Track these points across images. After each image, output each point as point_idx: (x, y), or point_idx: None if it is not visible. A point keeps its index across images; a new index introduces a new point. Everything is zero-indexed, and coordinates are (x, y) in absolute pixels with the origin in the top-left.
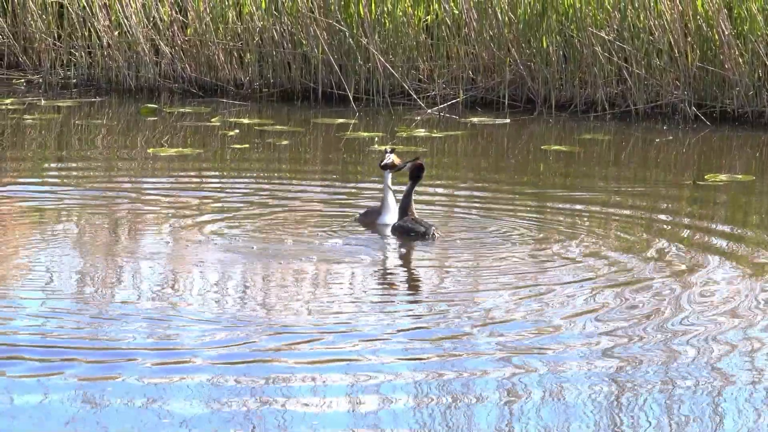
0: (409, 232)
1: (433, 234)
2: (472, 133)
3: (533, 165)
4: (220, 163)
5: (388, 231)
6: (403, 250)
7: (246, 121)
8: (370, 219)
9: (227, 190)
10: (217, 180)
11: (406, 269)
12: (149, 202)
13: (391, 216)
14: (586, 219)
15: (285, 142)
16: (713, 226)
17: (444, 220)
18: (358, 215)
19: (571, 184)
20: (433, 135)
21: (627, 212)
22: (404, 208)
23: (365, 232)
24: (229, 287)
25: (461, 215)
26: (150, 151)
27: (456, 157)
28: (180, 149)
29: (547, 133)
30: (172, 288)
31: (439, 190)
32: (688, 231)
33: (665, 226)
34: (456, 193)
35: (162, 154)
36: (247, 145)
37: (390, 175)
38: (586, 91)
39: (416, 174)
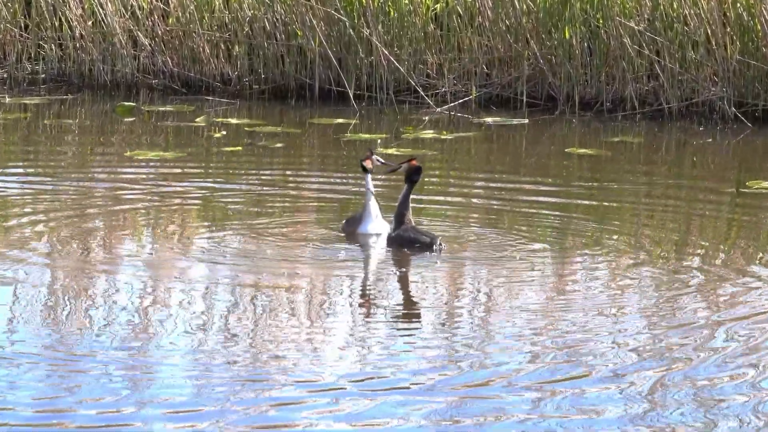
0: (412, 243)
1: (440, 245)
2: (486, 135)
3: (555, 170)
4: (205, 169)
5: (383, 242)
6: (406, 268)
7: (234, 121)
8: (351, 228)
9: (213, 200)
10: (202, 187)
11: (413, 292)
12: (125, 213)
13: (373, 225)
14: (614, 232)
15: (278, 145)
16: (759, 240)
17: (454, 232)
18: (343, 223)
19: (598, 192)
20: (443, 137)
21: (660, 224)
22: (400, 216)
23: (357, 244)
24: (213, 319)
25: (473, 226)
26: (127, 154)
27: (468, 161)
28: (161, 153)
29: (570, 134)
30: (146, 322)
31: (449, 199)
32: (731, 246)
33: (703, 241)
34: (468, 201)
35: (141, 158)
36: (235, 148)
37: (370, 179)
38: (613, 88)
39: (412, 177)
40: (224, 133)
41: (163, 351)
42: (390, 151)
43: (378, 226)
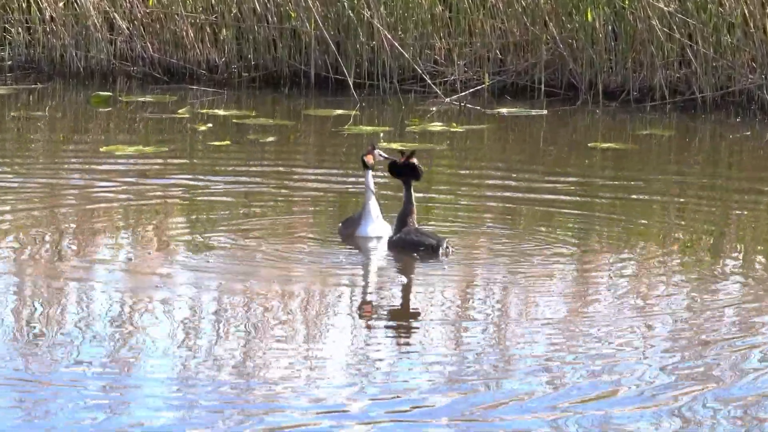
0: (416, 247)
1: (447, 249)
2: (500, 127)
3: (576, 166)
4: (189, 165)
5: (384, 246)
6: (409, 276)
7: (221, 112)
8: (349, 230)
9: (198, 199)
10: (185, 186)
11: (417, 303)
12: (100, 215)
13: (373, 226)
14: (642, 236)
15: (270, 139)
16: None
17: (465, 234)
18: (340, 225)
19: (623, 190)
20: (452, 129)
21: (693, 227)
22: (404, 218)
23: (355, 249)
24: (198, 334)
25: (486, 228)
26: (103, 150)
27: (480, 156)
28: (140, 147)
29: (594, 127)
30: (124, 338)
31: (460, 198)
32: None
33: (740, 246)
34: (480, 200)
35: (118, 154)
36: (222, 143)
37: (371, 176)
38: (641, 76)
39: (409, 173)
40: (210, 125)
41: (143, 371)
42: (394, 145)
43: (378, 228)
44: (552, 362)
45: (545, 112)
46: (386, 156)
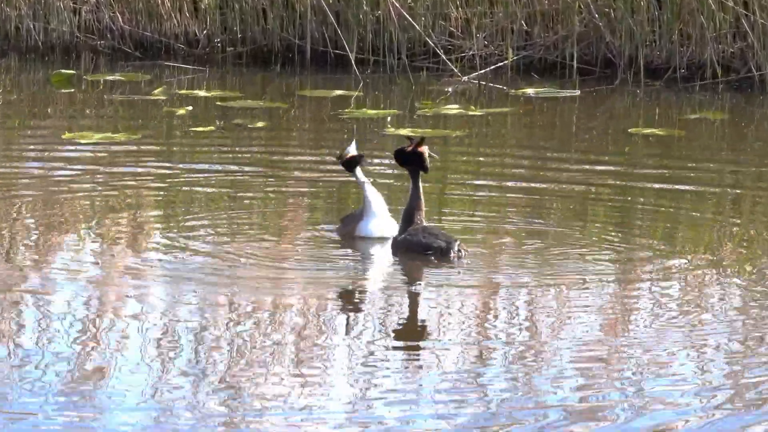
0: (424, 249)
1: (460, 252)
2: (526, 110)
3: (615, 155)
4: (165, 155)
5: (387, 248)
6: (416, 284)
7: (203, 93)
8: (348, 229)
9: (175, 194)
10: (160, 179)
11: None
12: (63, 214)
13: (376, 224)
14: (691, 236)
15: (259, 124)
16: None
17: (484, 233)
18: (339, 224)
19: (670, 182)
20: (470, 113)
21: (750, 225)
22: (410, 214)
23: (353, 251)
24: (176, 354)
25: (509, 226)
26: (65, 136)
27: (503, 143)
28: (108, 134)
29: (634, 109)
30: (92, 360)
31: (479, 191)
32: None
33: None
34: (502, 195)
35: (82, 142)
36: (204, 129)
37: (360, 171)
38: (688, 51)
39: (416, 163)
40: (190, 109)
41: (114, 398)
42: (403, 131)
43: (383, 226)
44: (588, 397)
45: (578, 92)
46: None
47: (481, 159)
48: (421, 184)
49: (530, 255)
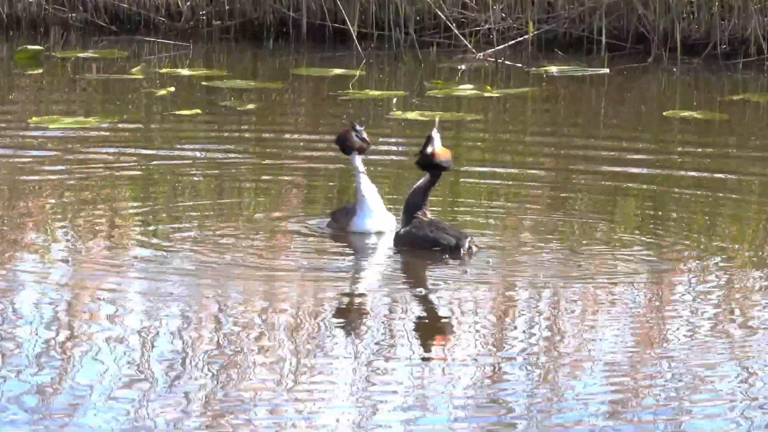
0: (431, 245)
1: (470, 248)
2: (548, 91)
3: (648, 141)
4: (144, 141)
5: (388, 243)
6: (423, 284)
7: (186, 72)
8: (341, 223)
9: (156, 186)
10: (139, 167)
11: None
12: (29, 207)
13: (372, 219)
14: (733, 233)
15: (249, 107)
16: None
17: (500, 228)
18: (330, 218)
19: (710, 171)
20: (486, 94)
21: None
22: (413, 207)
23: (349, 248)
24: (156, 364)
25: (528, 220)
26: (32, 121)
27: (523, 128)
28: (80, 119)
29: (670, 90)
30: (62, 371)
31: (496, 180)
32: None
33: None
34: (522, 184)
35: (51, 127)
36: (189, 112)
37: (359, 158)
38: (731, 24)
39: (432, 169)
40: (172, 89)
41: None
42: (410, 115)
43: (379, 220)
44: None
45: (607, 70)
46: (366, 140)
47: (498, 145)
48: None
49: (552, 253)
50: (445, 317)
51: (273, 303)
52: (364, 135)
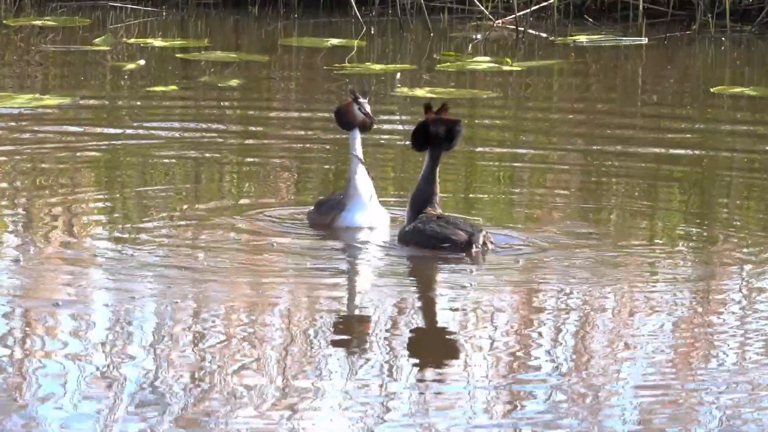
0: (441, 242)
1: (485, 245)
2: (577, 65)
3: (693, 121)
4: (110, 122)
5: (386, 240)
6: (432, 287)
7: (159, 43)
8: (326, 217)
9: (123, 172)
10: (103, 152)
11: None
12: None
13: (364, 213)
14: None
15: (232, 83)
16: None
17: (521, 221)
18: (310, 210)
19: (765, 153)
20: (506, 68)
21: None
22: (421, 200)
23: (343, 244)
24: (124, 378)
25: (556, 212)
26: None
27: (547, 106)
28: (36, 95)
29: (718, 62)
30: (19, 384)
31: (516, 164)
32: None
33: None
34: (546, 170)
35: (3, 105)
36: (162, 89)
37: (359, 139)
38: None
39: (436, 138)
40: (142, 63)
41: None
42: (418, 92)
43: (372, 214)
44: None
45: (645, 40)
46: (370, 115)
47: (520, 127)
48: (438, 164)
49: (582, 250)
50: (459, 331)
51: (259, 306)
52: (368, 108)
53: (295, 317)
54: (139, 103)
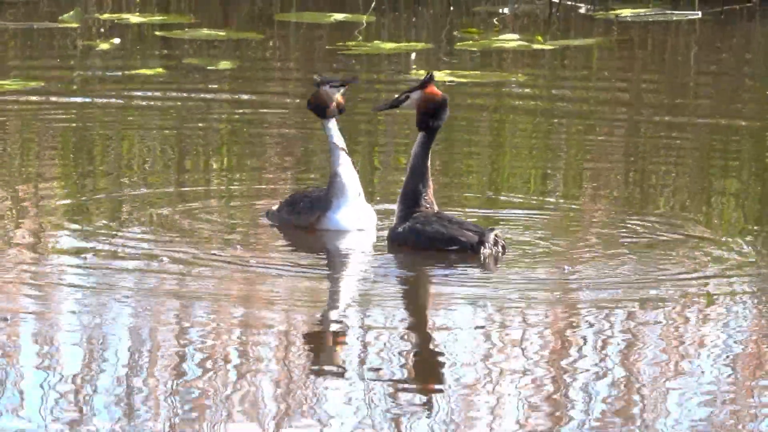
0: (447, 244)
1: (498, 248)
2: (618, 42)
3: (752, 110)
4: (80, 110)
5: (375, 242)
6: (436, 299)
7: (136, 19)
8: (307, 217)
9: (95, 162)
10: (73, 141)
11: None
12: None
13: (350, 212)
14: None
15: (223, 65)
16: None
17: (547, 226)
18: (271, 210)
19: None
20: (536, 46)
21: None
22: (413, 195)
23: (333, 248)
24: (94, 398)
25: (594, 212)
26: None
27: (584, 91)
28: None
29: None
30: None
31: (549, 164)
32: None
33: None
34: (583, 166)
35: None
36: (141, 72)
37: (335, 126)
38: None
39: (426, 118)
40: (117, 42)
41: None
42: (436, 75)
43: (358, 214)
44: None
45: (698, 14)
46: (337, 83)
47: (553, 113)
48: (430, 150)
49: (620, 257)
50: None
51: (237, 314)
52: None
53: (281, 321)
54: (111, 88)
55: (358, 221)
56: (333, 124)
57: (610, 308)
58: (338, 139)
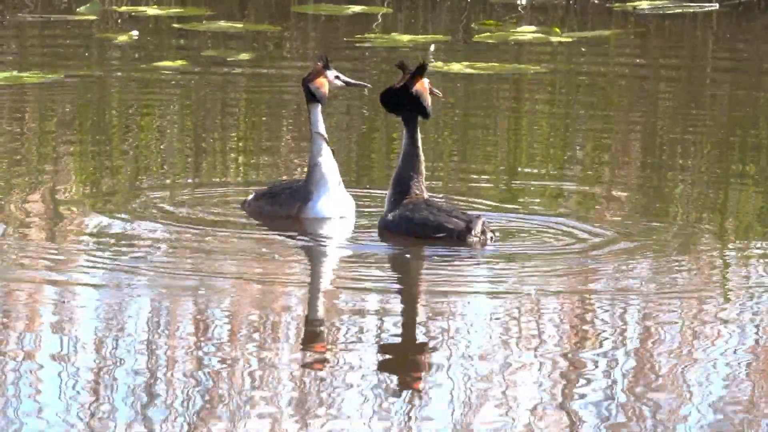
0: (434, 231)
1: (484, 232)
2: (637, 35)
3: None
4: (97, 103)
5: (356, 230)
6: (426, 290)
7: (153, 11)
8: (288, 208)
9: (112, 159)
10: (90, 139)
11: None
12: None
13: (330, 201)
14: None
15: (242, 57)
16: None
17: (579, 220)
18: (247, 199)
19: None
20: (555, 39)
21: None
22: (403, 183)
23: (311, 237)
24: (117, 388)
25: (612, 210)
26: None
27: (603, 85)
28: (13, 74)
29: None
30: None
31: (566, 160)
32: None
33: None
34: (600, 163)
35: None
36: (158, 64)
37: (320, 113)
38: None
39: (413, 107)
40: (135, 34)
41: None
42: (454, 67)
43: (338, 203)
44: None
45: (715, 6)
46: (350, 82)
47: (572, 108)
48: (419, 137)
49: (634, 260)
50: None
51: (229, 308)
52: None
53: (279, 315)
54: (130, 82)
55: (339, 209)
56: (318, 112)
57: (620, 300)
58: (321, 128)
